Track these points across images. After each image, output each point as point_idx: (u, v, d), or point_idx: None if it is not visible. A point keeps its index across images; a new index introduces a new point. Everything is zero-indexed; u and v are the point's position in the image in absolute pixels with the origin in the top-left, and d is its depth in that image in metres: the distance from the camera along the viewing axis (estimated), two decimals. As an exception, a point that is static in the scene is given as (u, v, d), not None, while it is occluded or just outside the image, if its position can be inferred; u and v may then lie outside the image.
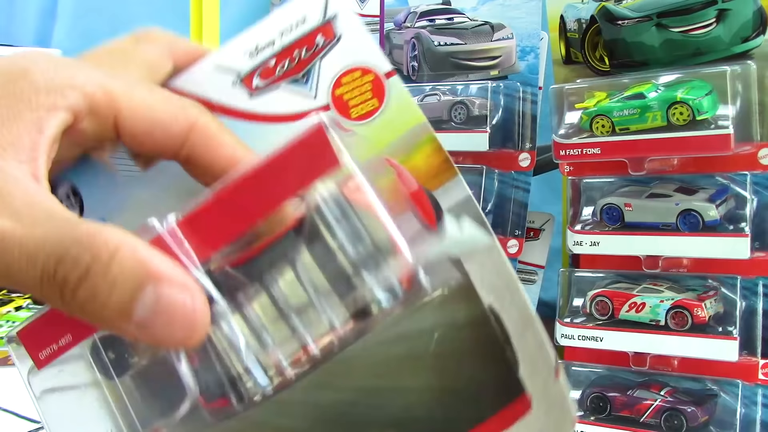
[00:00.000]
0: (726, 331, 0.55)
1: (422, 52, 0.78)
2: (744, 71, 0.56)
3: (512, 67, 0.72)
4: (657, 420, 0.56)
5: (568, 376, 0.62)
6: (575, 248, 0.61)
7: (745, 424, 0.54)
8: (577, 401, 0.60)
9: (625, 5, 0.61)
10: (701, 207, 0.56)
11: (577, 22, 0.66)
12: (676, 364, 0.58)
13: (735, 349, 0.54)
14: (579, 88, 0.63)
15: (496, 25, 0.74)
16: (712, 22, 0.57)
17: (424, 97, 0.75)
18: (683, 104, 0.55)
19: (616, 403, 0.58)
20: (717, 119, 0.55)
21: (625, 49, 0.61)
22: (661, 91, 0.57)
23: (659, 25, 0.59)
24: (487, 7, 0.75)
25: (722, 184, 0.58)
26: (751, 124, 0.56)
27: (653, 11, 0.60)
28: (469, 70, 0.76)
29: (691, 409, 0.55)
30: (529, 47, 0.71)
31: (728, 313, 0.56)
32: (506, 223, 0.71)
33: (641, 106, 0.57)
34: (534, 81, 0.71)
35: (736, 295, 0.56)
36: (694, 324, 0.55)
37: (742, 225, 0.55)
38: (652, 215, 0.59)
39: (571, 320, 0.61)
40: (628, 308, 0.58)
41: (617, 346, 0.58)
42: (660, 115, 0.57)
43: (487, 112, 0.70)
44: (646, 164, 0.59)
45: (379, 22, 0.84)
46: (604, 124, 0.59)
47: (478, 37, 0.75)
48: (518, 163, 0.71)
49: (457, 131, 0.72)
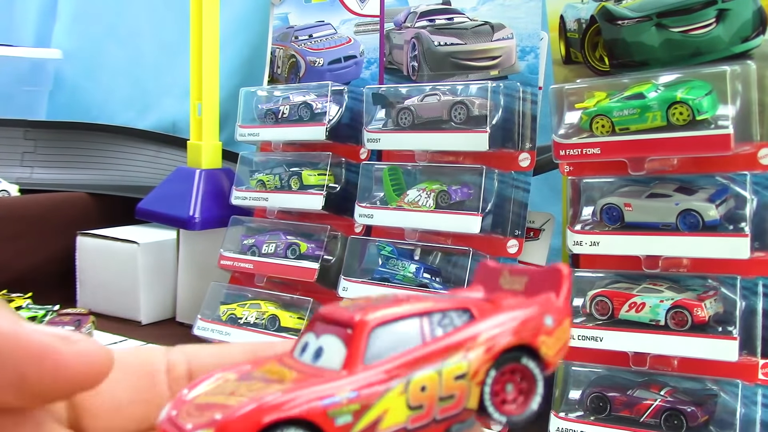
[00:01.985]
0: (726, 331, 0.55)
1: (422, 52, 0.79)
2: (744, 71, 0.56)
3: (512, 67, 0.72)
4: (657, 420, 0.56)
5: (568, 376, 0.62)
6: (575, 248, 0.61)
7: (745, 424, 0.54)
8: (577, 401, 0.60)
9: (625, 5, 0.62)
10: (701, 207, 0.56)
11: (577, 22, 0.66)
12: (676, 364, 0.58)
13: (735, 349, 0.53)
14: (579, 88, 0.63)
15: (496, 25, 0.74)
16: (712, 22, 0.57)
17: (424, 97, 0.75)
18: (683, 104, 0.55)
19: (616, 403, 0.58)
20: (717, 119, 0.55)
21: (625, 49, 0.61)
22: (661, 91, 0.57)
23: (659, 25, 0.59)
24: (487, 7, 0.75)
25: (722, 184, 0.58)
26: (751, 124, 0.56)
27: (653, 11, 0.60)
28: (469, 70, 0.76)
29: (691, 409, 0.55)
30: (529, 47, 0.71)
31: (728, 313, 0.56)
32: (506, 223, 0.71)
33: (641, 106, 0.57)
34: (534, 81, 0.71)
35: (736, 295, 0.56)
36: (694, 324, 0.55)
37: (742, 225, 0.55)
38: (652, 215, 0.59)
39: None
40: (627, 308, 0.58)
41: (617, 346, 0.58)
42: (660, 115, 0.57)
43: (487, 112, 0.70)
44: (646, 164, 0.59)
45: (379, 22, 0.84)
46: (604, 124, 0.59)
47: (478, 37, 0.75)
48: (518, 163, 0.71)
49: (457, 131, 0.72)
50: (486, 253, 0.71)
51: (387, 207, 0.76)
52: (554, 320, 0.26)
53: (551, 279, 0.27)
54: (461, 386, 0.23)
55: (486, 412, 0.24)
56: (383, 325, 0.23)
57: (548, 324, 0.26)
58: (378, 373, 0.22)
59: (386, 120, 0.78)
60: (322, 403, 0.21)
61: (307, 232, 0.85)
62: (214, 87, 0.96)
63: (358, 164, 0.81)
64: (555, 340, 0.26)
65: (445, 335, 0.24)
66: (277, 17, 0.95)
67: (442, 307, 0.25)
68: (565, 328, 0.26)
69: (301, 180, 0.85)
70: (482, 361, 0.24)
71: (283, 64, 0.94)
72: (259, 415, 0.21)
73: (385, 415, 0.22)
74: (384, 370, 0.22)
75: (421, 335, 0.24)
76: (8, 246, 1.00)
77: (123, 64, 1.46)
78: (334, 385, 0.22)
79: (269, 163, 0.90)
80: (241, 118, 0.92)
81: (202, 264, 0.96)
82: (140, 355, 0.26)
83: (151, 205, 0.99)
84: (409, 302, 0.25)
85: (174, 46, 1.34)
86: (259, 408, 0.21)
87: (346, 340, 0.23)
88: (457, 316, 0.25)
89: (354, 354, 0.23)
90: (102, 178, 1.29)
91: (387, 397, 0.22)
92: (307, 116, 0.85)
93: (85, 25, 1.51)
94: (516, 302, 0.26)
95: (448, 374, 0.23)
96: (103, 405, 0.24)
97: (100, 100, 1.48)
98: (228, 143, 1.04)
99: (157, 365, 0.26)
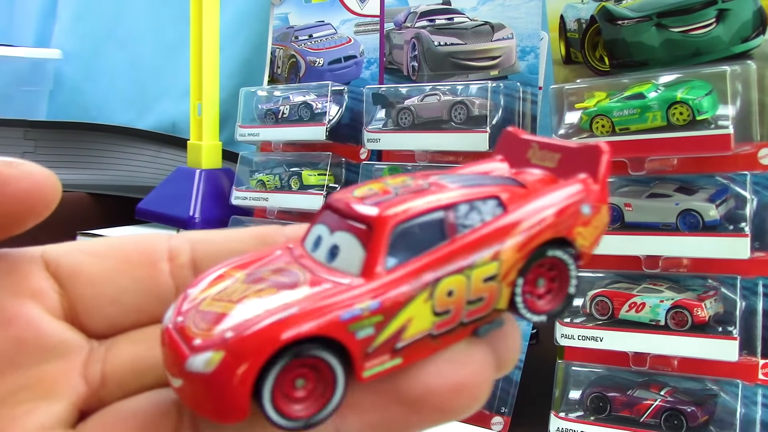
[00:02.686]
0: (726, 331, 0.55)
1: (422, 52, 0.79)
2: (744, 71, 0.56)
3: (512, 67, 0.72)
4: (657, 420, 0.56)
5: (568, 376, 0.62)
6: (575, 248, 0.61)
7: (745, 424, 0.54)
8: (577, 401, 0.60)
9: (625, 5, 0.61)
10: (701, 207, 0.56)
11: (577, 22, 0.66)
12: (676, 364, 0.58)
13: (735, 349, 0.53)
14: (579, 88, 0.63)
15: (496, 25, 0.74)
16: (712, 22, 0.57)
17: (424, 97, 0.75)
18: (683, 104, 0.55)
19: (616, 403, 0.58)
20: (717, 119, 0.55)
21: (625, 49, 0.61)
22: (661, 91, 0.57)
23: (659, 25, 0.59)
24: (487, 7, 0.75)
25: (722, 184, 0.58)
26: (751, 124, 0.56)
27: (653, 11, 0.60)
28: (469, 70, 0.76)
29: (691, 409, 0.55)
30: (529, 47, 0.71)
31: (728, 313, 0.56)
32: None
33: (641, 106, 0.57)
34: (534, 81, 0.71)
35: (736, 295, 0.56)
36: (694, 324, 0.55)
37: (742, 225, 0.55)
38: (652, 215, 0.58)
39: (571, 320, 0.61)
40: (628, 308, 0.58)
41: (617, 346, 0.58)
42: (660, 115, 0.57)
43: (487, 112, 0.70)
44: (646, 164, 0.59)
45: (379, 22, 0.84)
46: (604, 124, 0.59)
47: (478, 37, 0.75)
48: (518, 163, 0.71)
49: (457, 131, 0.72)
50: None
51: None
52: (592, 208, 0.23)
53: (588, 157, 0.24)
54: (491, 288, 0.21)
55: (517, 311, 0.22)
56: (405, 221, 0.20)
57: (585, 213, 0.23)
58: (401, 278, 0.20)
59: (386, 120, 0.78)
60: (341, 316, 0.19)
61: (307, 232, 0.85)
62: (214, 87, 0.96)
63: (358, 164, 0.81)
64: (592, 229, 0.23)
65: (472, 231, 0.21)
66: (277, 17, 0.95)
67: (470, 196, 0.22)
68: (603, 215, 0.23)
69: (301, 180, 0.85)
70: (514, 261, 0.21)
71: (283, 64, 0.94)
72: (276, 333, 0.18)
73: (409, 323, 0.20)
74: (407, 275, 0.20)
75: (447, 232, 0.21)
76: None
77: (123, 65, 1.46)
78: (354, 294, 0.19)
79: (269, 163, 0.90)
80: (241, 118, 0.92)
81: (202, 264, 0.96)
82: (140, 243, 0.24)
83: (151, 205, 0.99)
84: (432, 192, 0.22)
85: (174, 47, 1.34)
86: (275, 324, 0.18)
87: (364, 240, 0.20)
88: (486, 207, 0.22)
89: (373, 257, 0.20)
90: (102, 178, 1.29)
91: (412, 305, 0.20)
92: (307, 116, 0.85)
93: (85, 26, 1.51)
94: (549, 185, 0.23)
95: (478, 276, 0.21)
96: (100, 296, 0.23)
97: (100, 100, 1.48)
98: (228, 143, 1.04)
99: (158, 253, 0.24)
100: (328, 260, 0.21)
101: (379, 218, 0.20)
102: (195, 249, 0.24)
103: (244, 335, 0.18)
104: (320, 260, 0.21)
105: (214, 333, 0.19)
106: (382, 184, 0.22)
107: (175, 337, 0.20)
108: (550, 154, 0.24)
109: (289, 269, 0.21)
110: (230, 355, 0.18)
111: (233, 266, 0.22)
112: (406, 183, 0.22)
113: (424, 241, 0.21)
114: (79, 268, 0.23)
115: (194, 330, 0.19)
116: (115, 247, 0.24)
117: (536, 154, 0.25)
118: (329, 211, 0.22)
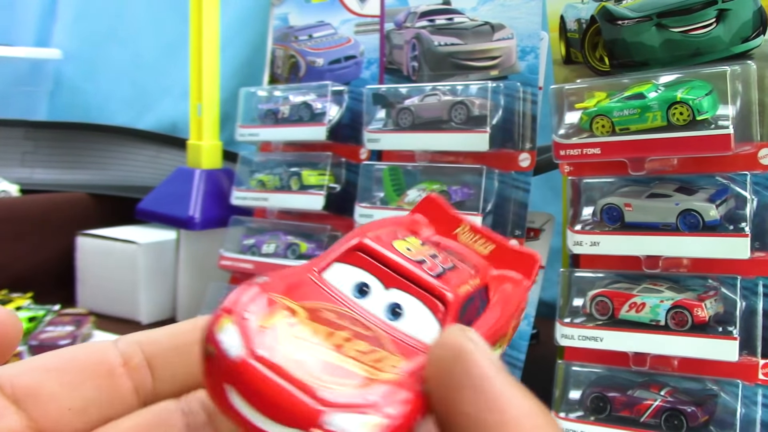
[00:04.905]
0: (726, 331, 0.55)
1: (422, 52, 0.78)
2: (744, 71, 0.56)
3: (512, 67, 0.72)
4: (657, 420, 0.56)
5: (568, 376, 0.62)
6: (575, 248, 0.61)
7: (745, 424, 0.54)
8: (577, 401, 0.60)
9: (625, 5, 0.61)
10: (701, 207, 0.56)
11: (577, 22, 0.66)
12: (676, 364, 0.58)
13: (735, 349, 0.53)
14: (579, 88, 0.63)
15: (496, 25, 0.74)
16: (712, 22, 0.57)
17: (424, 97, 0.75)
18: (683, 104, 0.55)
19: (616, 403, 0.58)
20: (717, 119, 0.55)
21: (625, 49, 0.61)
22: (661, 91, 0.57)
23: (659, 25, 0.59)
24: (487, 7, 0.75)
25: (722, 184, 0.58)
26: (751, 124, 0.56)
27: (653, 11, 0.60)
28: (469, 70, 0.76)
29: (691, 409, 0.55)
30: (529, 47, 0.71)
31: (728, 313, 0.56)
32: (506, 223, 0.71)
33: (641, 106, 0.57)
34: (534, 81, 0.71)
35: (736, 295, 0.56)
36: (694, 324, 0.55)
37: (742, 225, 0.55)
38: (652, 215, 0.59)
39: (571, 320, 0.61)
40: (628, 308, 0.58)
41: (617, 346, 0.58)
42: (660, 115, 0.57)
43: (487, 112, 0.70)
44: (646, 164, 0.59)
45: (379, 22, 0.84)
46: (604, 124, 0.59)
47: (478, 37, 0.75)
48: (518, 163, 0.71)
49: (457, 131, 0.72)
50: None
51: (387, 207, 0.76)
52: (517, 323, 0.25)
53: (524, 262, 0.26)
54: None
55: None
56: (464, 301, 0.22)
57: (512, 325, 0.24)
58: None
59: (386, 120, 0.78)
60: None
61: (307, 232, 0.85)
62: (214, 87, 0.96)
63: (358, 164, 0.81)
64: (507, 340, 0.24)
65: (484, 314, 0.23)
66: (277, 17, 0.95)
67: (477, 286, 0.24)
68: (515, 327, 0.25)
69: (301, 180, 0.85)
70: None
71: (283, 64, 0.94)
72: (415, 414, 0.18)
73: None
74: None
75: (471, 311, 0.23)
76: (8, 246, 1.00)
77: (123, 65, 1.46)
78: None
79: (269, 163, 0.90)
80: (241, 118, 0.92)
81: (202, 264, 0.96)
82: (91, 352, 0.25)
83: (151, 206, 0.99)
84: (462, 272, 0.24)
85: (174, 47, 1.34)
86: (415, 402, 0.18)
87: (434, 310, 0.21)
88: (481, 295, 0.24)
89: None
90: (102, 178, 1.29)
91: None
92: (307, 116, 0.85)
93: (85, 25, 1.51)
94: (509, 292, 0.25)
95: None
96: (65, 410, 0.23)
97: (100, 100, 1.48)
98: (228, 143, 1.04)
99: (112, 358, 0.25)
100: (390, 318, 0.21)
101: (455, 299, 0.22)
102: (144, 349, 0.25)
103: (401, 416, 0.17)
104: (379, 315, 0.21)
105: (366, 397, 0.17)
106: (411, 242, 0.24)
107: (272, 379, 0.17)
108: (482, 241, 0.26)
109: (354, 317, 0.21)
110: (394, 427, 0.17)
111: (275, 291, 0.20)
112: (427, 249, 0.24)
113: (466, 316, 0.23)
114: (38, 385, 0.23)
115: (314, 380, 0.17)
116: (69, 360, 0.24)
117: (466, 235, 0.27)
118: (365, 255, 0.22)
